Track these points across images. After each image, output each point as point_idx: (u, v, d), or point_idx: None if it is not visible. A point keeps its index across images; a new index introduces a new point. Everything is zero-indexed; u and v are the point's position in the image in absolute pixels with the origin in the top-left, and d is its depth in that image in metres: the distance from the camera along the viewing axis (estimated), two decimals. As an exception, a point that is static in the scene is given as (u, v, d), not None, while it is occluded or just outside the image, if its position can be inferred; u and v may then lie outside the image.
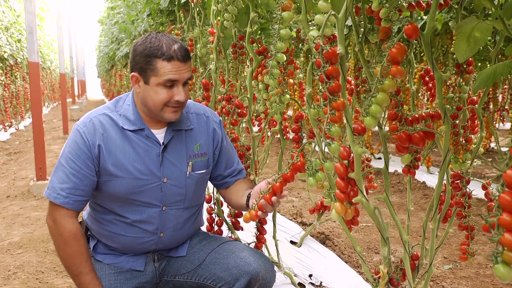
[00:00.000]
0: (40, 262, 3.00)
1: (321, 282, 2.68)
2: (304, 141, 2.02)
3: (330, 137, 1.25)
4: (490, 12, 1.49)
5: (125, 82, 12.42)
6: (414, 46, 4.19)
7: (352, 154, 1.27)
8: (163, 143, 1.80)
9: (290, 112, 11.24)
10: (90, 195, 1.77)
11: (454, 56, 1.45)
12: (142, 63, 1.70)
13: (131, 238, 1.83)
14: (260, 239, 2.28)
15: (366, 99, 1.19)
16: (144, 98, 1.74)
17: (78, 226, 1.75)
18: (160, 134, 1.81)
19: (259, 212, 1.67)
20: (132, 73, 1.75)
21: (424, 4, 1.42)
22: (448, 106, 1.68)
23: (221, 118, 2.06)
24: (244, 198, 1.87)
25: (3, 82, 8.58)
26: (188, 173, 1.85)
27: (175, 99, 1.70)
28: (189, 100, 1.98)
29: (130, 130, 1.77)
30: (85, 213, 1.96)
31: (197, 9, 2.81)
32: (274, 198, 1.64)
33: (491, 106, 5.80)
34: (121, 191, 1.75)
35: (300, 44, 4.72)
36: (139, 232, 1.82)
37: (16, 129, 10.52)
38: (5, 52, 8.15)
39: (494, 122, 6.52)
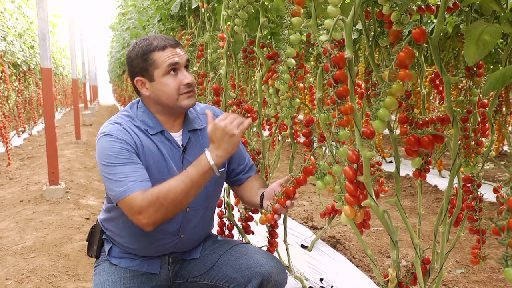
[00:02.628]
0: (52, 266, 3.03)
1: (332, 286, 2.67)
2: (315, 145, 2.03)
3: (339, 141, 1.25)
4: (500, 15, 1.48)
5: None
6: (425, 49, 4.18)
7: (360, 158, 1.28)
8: (182, 145, 1.83)
9: (300, 116, 11.23)
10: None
11: (465, 58, 1.45)
12: (141, 64, 1.74)
13: (151, 240, 1.83)
14: (272, 243, 2.28)
15: (375, 103, 1.20)
16: (157, 96, 1.76)
17: (148, 188, 1.65)
18: (177, 137, 1.84)
19: (275, 215, 1.72)
20: (136, 79, 1.78)
21: (433, 7, 1.43)
22: (458, 109, 1.67)
23: None
24: (258, 197, 1.89)
25: (17, 88, 8.66)
26: None
27: (185, 83, 1.74)
28: (196, 103, 2.00)
29: (152, 134, 1.79)
30: (100, 215, 1.97)
31: (207, 14, 2.83)
32: (288, 202, 1.70)
33: (503, 109, 5.76)
34: None
35: (310, 49, 4.72)
36: (161, 233, 1.83)
37: (29, 134, 10.61)
38: (18, 58, 8.24)
39: (507, 125, 6.46)
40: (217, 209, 2.37)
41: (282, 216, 2.18)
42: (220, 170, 1.90)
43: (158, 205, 1.60)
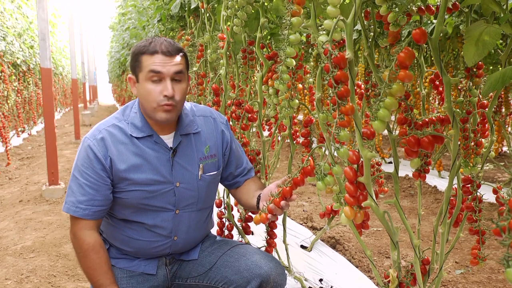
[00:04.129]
0: (52, 266, 3.03)
1: (331, 287, 2.67)
2: (314, 145, 2.03)
3: (339, 141, 1.25)
4: (500, 16, 1.49)
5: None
6: (425, 50, 4.18)
7: (361, 158, 1.28)
8: (171, 147, 1.82)
9: (300, 117, 11.24)
10: (109, 204, 1.78)
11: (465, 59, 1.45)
12: (132, 62, 1.75)
13: (145, 242, 1.84)
14: (270, 243, 2.28)
15: (375, 104, 1.20)
16: (140, 98, 1.77)
17: (97, 237, 1.77)
18: (168, 139, 1.82)
19: (269, 215, 1.71)
20: (128, 76, 1.80)
21: (433, 8, 1.43)
22: (458, 110, 1.68)
23: (226, 118, 2.08)
24: (255, 199, 1.89)
25: (16, 88, 8.66)
26: (200, 175, 1.86)
27: (164, 94, 1.69)
28: (194, 104, 2.00)
29: (138, 138, 1.78)
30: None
31: (207, 14, 2.83)
32: (283, 202, 1.68)
33: (503, 110, 5.76)
34: (134, 198, 1.76)
35: (310, 49, 4.73)
36: (153, 236, 1.83)
37: (28, 134, 10.62)
38: (18, 58, 8.23)
39: (506, 126, 6.46)
40: (217, 210, 2.37)
41: (281, 216, 2.18)
42: (213, 173, 1.91)
43: (77, 253, 1.79)
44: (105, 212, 1.78)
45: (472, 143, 1.73)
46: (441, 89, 1.88)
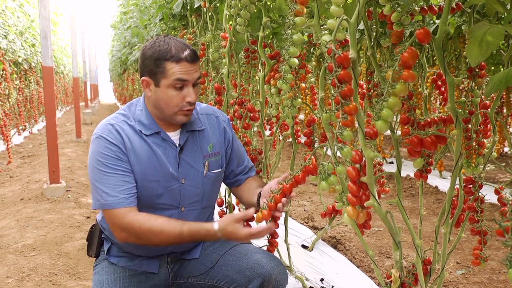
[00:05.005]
0: (53, 265, 3.03)
1: (332, 286, 2.67)
2: (316, 145, 2.03)
3: (342, 141, 1.25)
4: (503, 16, 1.48)
5: (137, 86, 12.49)
6: (427, 50, 4.18)
7: (364, 158, 1.28)
8: (179, 144, 1.83)
9: (301, 117, 11.24)
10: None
11: (467, 60, 1.44)
12: (152, 66, 1.73)
13: None
14: (272, 242, 2.28)
15: (378, 103, 1.20)
16: (157, 101, 1.77)
17: (138, 211, 1.72)
18: (175, 136, 1.84)
19: (275, 212, 1.71)
20: (143, 78, 1.78)
21: (436, 8, 1.43)
22: (460, 110, 1.67)
23: (228, 116, 2.08)
24: (255, 197, 1.90)
25: (18, 86, 8.66)
26: (205, 173, 1.87)
27: (187, 100, 1.73)
28: (197, 102, 2.01)
29: (147, 135, 1.79)
30: (99, 215, 1.98)
31: (210, 13, 2.83)
32: (283, 199, 1.69)
33: (504, 111, 5.75)
34: (141, 195, 1.76)
35: (312, 49, 4.72)
36: None
37: (29, 132, 10.61)
38: (19, 56, 8.23)
39: (508, 127, 6.46)
40: (218, 209, 2.37)
41: (283, 216, 2.18)
42: (217, 170, 1.91)
43: (138, 236, 1.70)
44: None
45: (474, 144, 1.72)
46: (443, 89, 1.88)
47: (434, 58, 4.86)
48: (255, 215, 1.73)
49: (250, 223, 1.95)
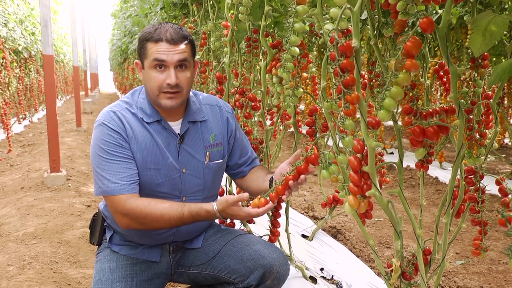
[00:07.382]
0: (54, 253, 3.04)
1: (332, 276, 2.68)
2: (318, 135, 2.03)
3: (344, 130, 1.25)
4: (506, 6, 1.48)
5: (137, 75, 12.46)
6: (428, 40, 4.16)
7: (366, 148, 1.27)
8: (179, 134, 1.82)
9: (302, 106, 11.23)
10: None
11: (469, 50, 1.44)
12: (139, 48, 1.76)
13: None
14: (274, 232, 2.28)
15: (380, 93, 1.19)
16: (145, 84, 1.79)
17: (139, 197, 1.73)
18: (176, 126, 1.83)
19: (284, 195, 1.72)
20: (135, 61, 1.82)
21: (439, -2, 1.41)
22: (462, 100, 1.67)
23: (231, 107, 2.08)
24: (267, 183, 1.89)
25: (18, 75, 8.63)
26: (206, 163, 1.87)
27: (166, 82, 1.71)
28: (200, 92, 2.00)
29: (148, 123, 1.79)
30: (101, 204, 1.98)
31: (211, 2, 2.82)
32: (291, 182, 1.69)
33: (505, 102, 5.74)
34: (142, 182, 1.77)
35: (314, 38, 4.70)
36: None
37: (30, 121, 10.61)
38: (19, 45, 8.20)
39: (509, 118, 6.45)
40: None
41: (284, 205, 2.18)
42: (219, 161, 1.91)
43: (140, 221, 1.70)
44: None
45: (476, 134, 1.72)
46: (445, 79, 1.88)
47: (435, 49, 4.84)
48: (251, 202, 1.74)
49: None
